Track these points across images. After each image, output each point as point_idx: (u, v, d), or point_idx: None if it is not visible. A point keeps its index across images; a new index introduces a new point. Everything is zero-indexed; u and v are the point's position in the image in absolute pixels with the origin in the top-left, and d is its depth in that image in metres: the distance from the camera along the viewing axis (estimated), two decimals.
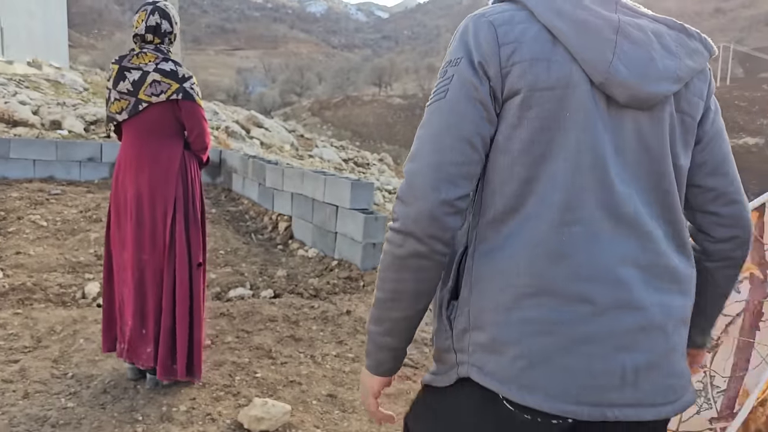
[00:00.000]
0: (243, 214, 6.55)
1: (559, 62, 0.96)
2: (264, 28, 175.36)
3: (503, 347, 0.96)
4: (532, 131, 0.96)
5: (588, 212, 0.96)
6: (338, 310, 4.02)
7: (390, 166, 19.11)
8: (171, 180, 2.82)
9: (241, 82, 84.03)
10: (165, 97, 2.78)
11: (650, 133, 1.00)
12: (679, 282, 1.01)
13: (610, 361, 0.93)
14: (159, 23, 2.85)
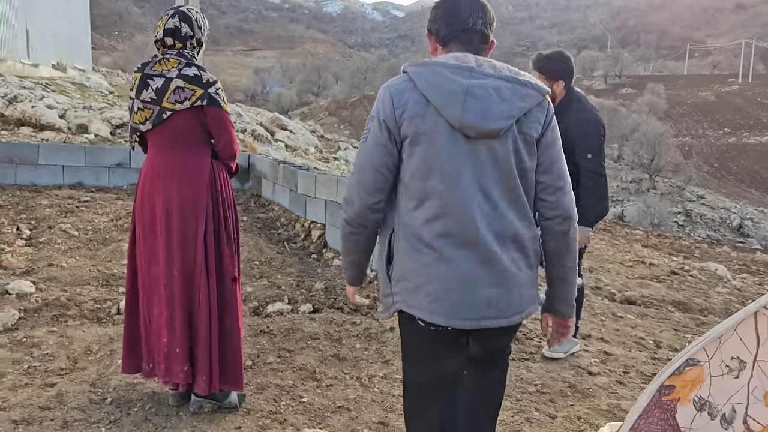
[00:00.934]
0: (274, 221, 6.41)
1: (430, 116, 1.63)
2: (281, 29, 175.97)
3: (418, 289, 1.66)
4: (419, 160, 1.65)
5: (456, 206, 1.63)
6: (381, 326, 3.85)
7: None
8: (201, 192, 2.69)
9: (259, 82, 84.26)
10: (189, 104, 2.63)
11: (500, 150, 1.65)
12: (518, 240, 1.69)
13: (479, 294, 1.65)
14: (178, 26, 2.71)
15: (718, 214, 38.20)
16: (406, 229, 1.67)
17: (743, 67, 77.17)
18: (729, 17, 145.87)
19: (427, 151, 1.63)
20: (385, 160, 1.67)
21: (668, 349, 4.21)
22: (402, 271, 1.69)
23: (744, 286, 7.54)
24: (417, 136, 1.64)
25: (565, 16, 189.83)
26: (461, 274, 1.64)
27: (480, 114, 1.60)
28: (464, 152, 1.63)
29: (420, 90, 1.64)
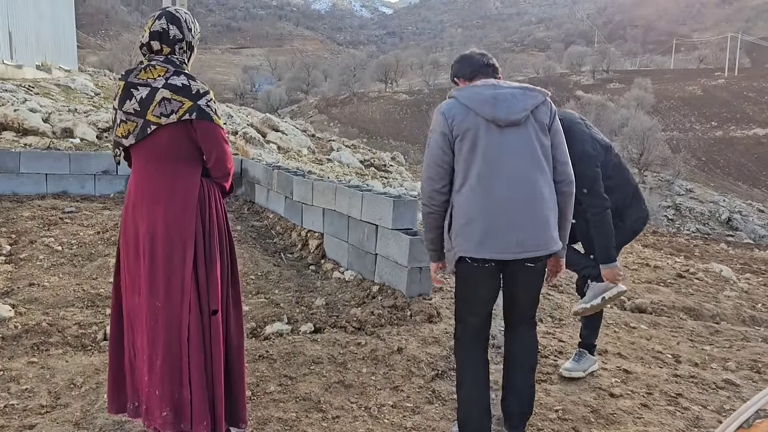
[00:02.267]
0: (269, 229, 6.14)
1: (471, 118, 2.44)
2: (269, 26, 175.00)
3: (468, 238, 2.42)
4: (466, 150, 2.44)
5: (494, 180, 2.41)
6: (388, 347, 3.60)
7: (403, 164, 18.67)
8: (189, 215, 2.41)
9: (248, 80, 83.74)
10: (176, 118, 2.35)
11: (524, 134, 2.46)
12: (544, 199, 2.45)
13: (510, 236, 2.39)
14: (166, 29, 2.44)
15: (707, 207, 38.31)
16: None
17: (729, 61, 77.57)
18: (714, 12, 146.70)
19: (471, 141, 2.43)
20: (443, 158, 2.47)
21: (688, 364, 4.01)
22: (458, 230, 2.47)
23: (751, 288, 7.38)
24: (464, 132, 2.43)
25: (553, 12, 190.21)
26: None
27: (505, 110, 2.44)
28: (498, 138, 2.44)
29: (463, 103, 2.48)
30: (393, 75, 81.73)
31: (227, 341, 2.57)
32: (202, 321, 2.43)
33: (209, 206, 2.48)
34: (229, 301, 2.60)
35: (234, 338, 2.61)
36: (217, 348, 2.47)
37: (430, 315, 4.07)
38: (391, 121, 65.43)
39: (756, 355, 4.41)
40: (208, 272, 2.45)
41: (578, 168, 3.04)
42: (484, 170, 2.40)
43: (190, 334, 2.41)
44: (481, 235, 2.39)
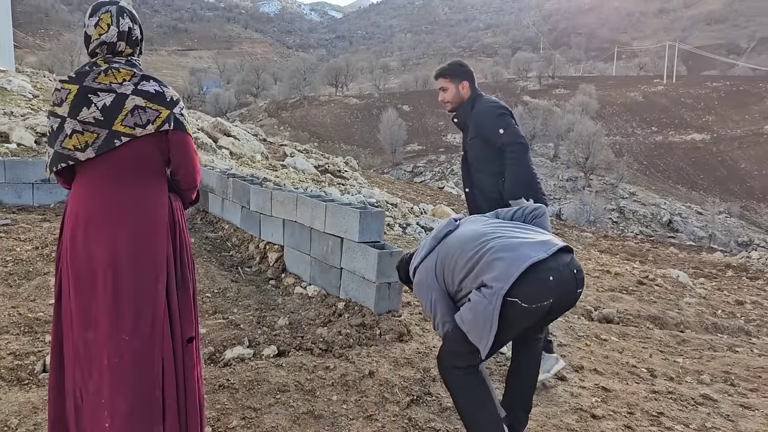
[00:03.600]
0: (224, 241, 5.80)
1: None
2: (217, 28, 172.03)
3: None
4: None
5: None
6: (358, 370, 3.37)
7: (357, 169, 18.44)
8: (160, 236, 2.15)
9: (196, 83, 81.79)
10: (154, 128, 2.09)
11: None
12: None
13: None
14: (131, 28, 2.20)
15: (649, 210, 39.56)
16: None
17: (667, 69, 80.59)
18: (653, 21, 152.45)
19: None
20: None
21: (664, 378, 3.93)
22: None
23: (707, 293, 7.48)
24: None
25: (500, 18, 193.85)
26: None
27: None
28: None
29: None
30: (343, 79, 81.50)
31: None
32: (175, 351, 2.18)
33: (178, 224, 2.24)
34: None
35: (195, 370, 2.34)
36: (192, 380, 2.22)
37: (401, 333, 3.86)
38: (341, 125, 65.16)
39: (726, 366, 4.38)
40: (182, 296, 2.21)
41: (492, 112, 3.52)
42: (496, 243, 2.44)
43: (164, 367, 2.14)
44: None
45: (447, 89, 3.65)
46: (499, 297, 2.30)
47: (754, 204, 47.52)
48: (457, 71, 3.66)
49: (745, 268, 11.41)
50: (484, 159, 3.60)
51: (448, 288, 2.51)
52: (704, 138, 62.14)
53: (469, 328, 2.38)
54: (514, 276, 2.30)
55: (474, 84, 3.67)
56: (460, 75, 3.64)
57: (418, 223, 7.82)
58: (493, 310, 2.31)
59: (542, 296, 2.34)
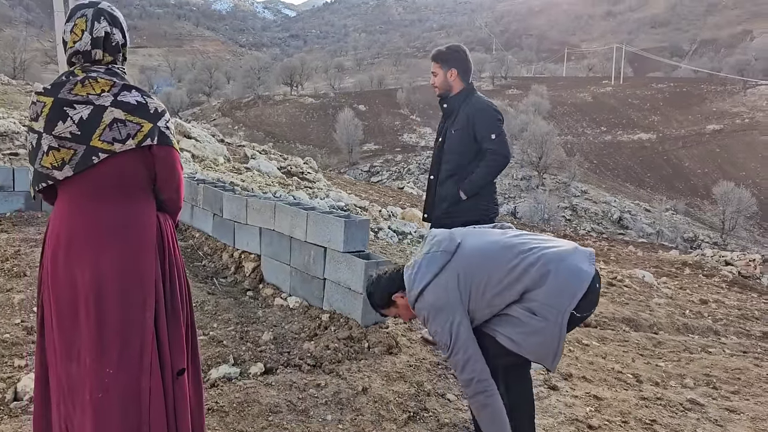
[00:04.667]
0: (195, 250, 5.59)
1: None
2: (167, 26, 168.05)
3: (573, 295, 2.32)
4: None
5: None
6: (351, 387, 3.26)
7: (317, 170, 18.25)
8: (148, 258, 2.00)
9: (146, 81, 79.64)
10: (135, 143, 1.93)
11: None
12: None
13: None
14: (109, 33, 2.01)
15: (600, 207, 40.57)
16: None
17: (614, 70, 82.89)
18: (600, 23, 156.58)
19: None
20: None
21: (650, 384, 3.96)
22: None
23: (672, 293, 7.66)
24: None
25: (453, 19, 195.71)
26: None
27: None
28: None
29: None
30: (298, 78, 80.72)
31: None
32: (165, 385, 2.01)
33: (169, 245, 2.07)
34: (188, 354, 2.19)
35: (193, 398, 2.19)
36: (184, 416, 2.06)
37: (390, 346, 3.77)
38: (297, 124, 64.52)
39: (705, 368, 4.46)
40: (172, 325, 2.04)
41: (489, 114, 3.54)
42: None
43: (152, 402, 1.98)
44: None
45: (437, 74, 3.64)
46: (567, 314, 2.23)
47: (698, 201, 49.26)
48: (449, 57, 3.61)
49: (701, 265, 11.78)
50: (460, 152, 3.61)
51: (470, 306, 2.35)
52: (650, 137, 64.11)
53: (532, 350, 2.28)
54: (581, 291, 2.24)
55: (465, 73, 3.63)
56: (451, 62, 3.59)
57: (389, 227, 7.74)
58: (561, 328, 2.24)
59: (592, 305, 2.34)
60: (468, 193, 3.58)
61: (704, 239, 35.77)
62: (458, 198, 3.62)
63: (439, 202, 3.71)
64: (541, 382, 3.61)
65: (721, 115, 64.48)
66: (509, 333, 2.32)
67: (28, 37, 77.31)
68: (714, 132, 60.54)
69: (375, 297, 2.60)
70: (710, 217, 43.17)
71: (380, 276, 2.60)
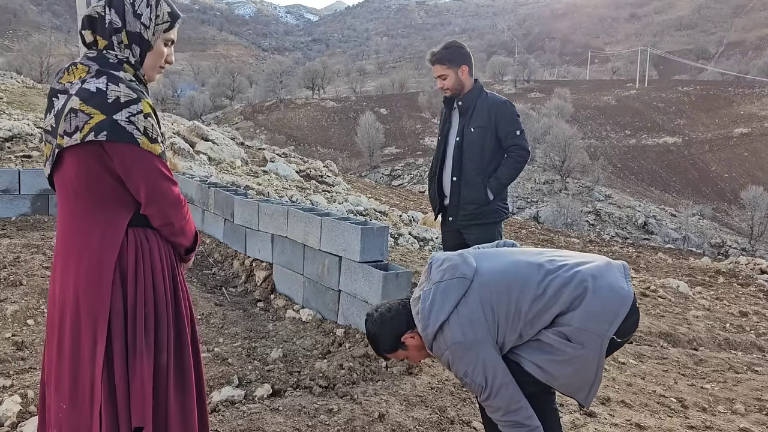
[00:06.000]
0: (205, 257, 5.33)
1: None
2: (192, 30, 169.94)
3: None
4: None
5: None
6: (367, 413, 2.95)
7: (338, 174, 18.02)
8: (103, 282, 1.68)
9: (169, 85, 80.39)
10: (80, 138, 1.63)
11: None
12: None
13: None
14: (101, 13, 1.73)
15: (624, 212, 39.85)
16: None
17: (639, 73, 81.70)
18: (624, 26, 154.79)
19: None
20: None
21: (696, 409, 3.59)
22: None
23: (710, 304, 7.23)
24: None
25: (475, 23, 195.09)
26: None
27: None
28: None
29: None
30: (320, 82, 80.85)
31: None
32: None
33: (138, 271, 1.72)
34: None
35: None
36: None
37: (409, 365, 3.45)
38: (318, 128, 64.62)
39: (756, 391, 4.07)
40: (130, 371, 1.69)
41: (511, 110, 3.50)
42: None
43: None
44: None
45: (447, 76, 3.46)
46: (606, 340, 1.92)
47: (725, 206, 48.19)
48: (456, 55, 3.45)
49: (735, 273, 11.26)
50: (482, 150, 3.46)
51: (498, 338, 2.02)
52: (676, 141, 62.97)
53: (565, 381, 1.96)
54: (622, 314, 1.93)
55: (472, 69, 3.50)
56: (459, 59, 3.46)
57: (410, 233, 7.42)
58: (599, 356, 1.94)
59: (633, 328, 2.06)
60: (496, 192, 3.49)
61: (732, 245, 34.88)
62: (487, 199, 3.48)
63: (464, 204, 3.52)
64: (576, 407, 3.27)
65: (749, 119, 63.10)
66: (538, 360, 1.99)
67: (56, 42, 78.61)
68: (742, 135, 59.28)
69: (380, 341, 2.18)
70: (738, 222, 42.13)
71: (382, 314, 2.17)
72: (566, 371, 1.96)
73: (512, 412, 1.97)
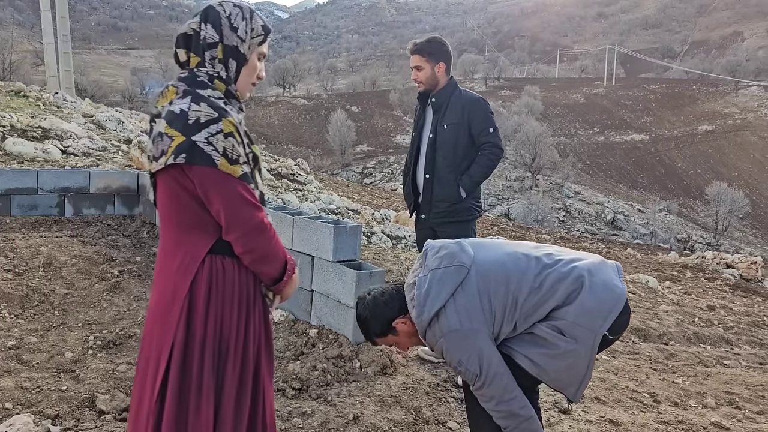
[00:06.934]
0: None
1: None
2: (159, 27, 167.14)
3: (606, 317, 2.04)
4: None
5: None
6: (341, 415, 2.90)
7: (308, 171, 17.88)
8: (172, 310, 1.62)
9: (137, 82, 78.70)
10: (164, 162, 1.59)
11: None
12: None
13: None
14: (197, 29, 1.69)
15: (593, 209, 40.43)
16: None
17: (607, 71, 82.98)
18: (592, 25, 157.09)
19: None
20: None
21: (668, 404, 3.63)
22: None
23: (678, 299, 7.35)
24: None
25: (446, 21, 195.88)
26: None
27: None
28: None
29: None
30: (291, 79, 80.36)
31: None
32: None
33: (210, 302, 1.63)
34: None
35: None
36: None
37: (384, 365, 3.41)
38: (289, 126, 64.13)
39: (725, 384, 4.13)
40: (192, 409, 1.61)
41: (485, 107, 3.44)
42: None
43: None
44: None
45: (423, 69, 3.42)
46: (599, 336, 1.93)
47: (690, 202, 49.24)
48: (436, 50, 3.42)
49: (701, 268, 11.49)
50: (455, 147, 3.44)
51: (494, 327, 2.00)
52: (643, 138, 64.13)
53: (556, 375, 1.96)
54: (616, 310, 1.94)
55: (449, 67, 3.48)
56: (438, 55, 3.42)
57: (383, 231, 7.38)
58: (592, 351, 1.94)
59: (624, 325, 2.05)
60: (469, 190, 3.46)
61: (698, 240, 35.66)
62: (459, 196, 3.46)
63: (437, 202, 3.49)
64: (550, 405, 3.27)
65: (713, 116, 64.62)
66: (530, 353, 1.99)
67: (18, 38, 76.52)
68: (706, 133, 60.65)
69: (371, 324, 2.14)
70: (703, 217, 43.09)
71: (375, 297, 2.14)
72: (558, 365, 1.97)
73: (506, 401, 1.97)
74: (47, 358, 3.28)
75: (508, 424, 1.99)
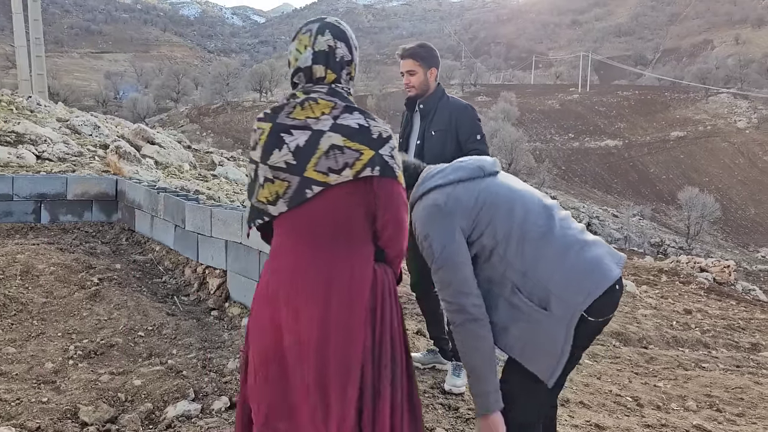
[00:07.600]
0: (155, 265, 5.13)
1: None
2: (134, 31, 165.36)
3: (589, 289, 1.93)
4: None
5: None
6: None
7: None
8: (354, 320, 1.68)
9: (111, 86, 77.79)
10: (352, 174, 1.66)
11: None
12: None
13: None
14: (333, 47, 1.77)
15: (569, 213, 40.89)
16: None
17: (581, 78, 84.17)
18: (567, 32, 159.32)
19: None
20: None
21: (651, 408, 3.68)
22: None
23: (656, 302, 7.47)
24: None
25: (422, 27, 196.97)
26: None
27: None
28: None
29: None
30: (267, 84, 79.95)
31: None
32: None
33: (385, 308, 1.73)
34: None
35: None
36: None
37: None
38: None
39: (705, 387, 4.20)
40: (376, 412, 1.68)
41: (472, 114, 3.41)
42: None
43: None
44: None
45: (416, 73, 3.39)
46: (577, 313, 1.84)
47: (663, 206, 50.11)
48: (429, 56, 3.40)
49: (677, 272, 11.69)
50: (442, 154, 3.38)
51: (473, 234, 1.94)
52: (617, 144, 65.09)
53: (531, 356, 1.88)
54: (599, 290, 1.85)
55: (438, 74, 3.50)
56: (431, 61, 3.40)
57: None
58: (567, 328, 1.85)
59: (609, 310, 1.95)
60: None
61: (670, 244, 36.29)
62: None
63: None
64: None
65: (684, 122, 65.91)
66: (501, 321, 1.91)
67: None
68: (678, 139, 61.83)
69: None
70: (675, 222, 43.88)
71: (415, 163, 2.20)
72: (529, 337, 1.88)
73: (461, 294, 1.90)
74: (26, 368, 3.20)
75: (455, 319, 1.92)
